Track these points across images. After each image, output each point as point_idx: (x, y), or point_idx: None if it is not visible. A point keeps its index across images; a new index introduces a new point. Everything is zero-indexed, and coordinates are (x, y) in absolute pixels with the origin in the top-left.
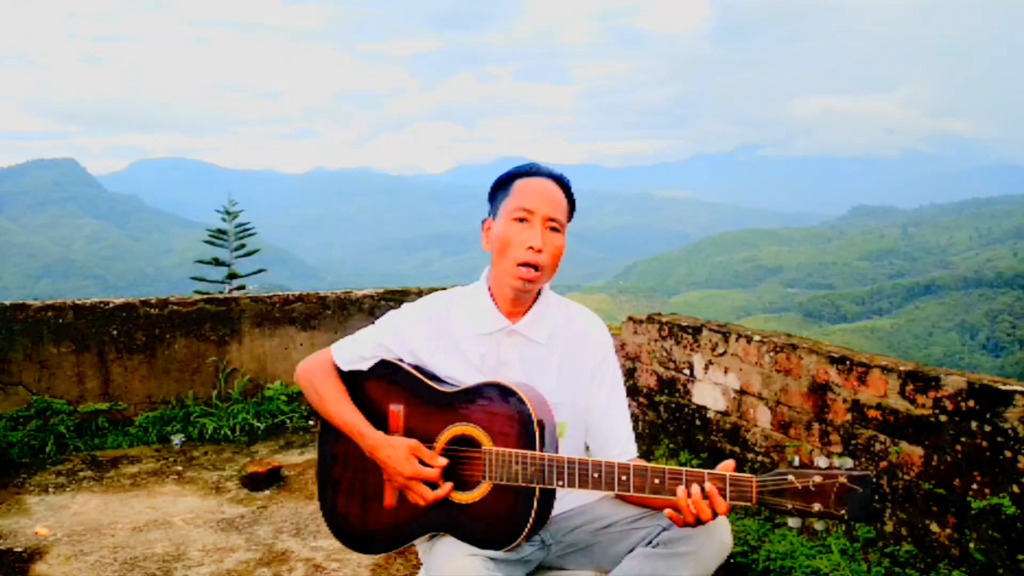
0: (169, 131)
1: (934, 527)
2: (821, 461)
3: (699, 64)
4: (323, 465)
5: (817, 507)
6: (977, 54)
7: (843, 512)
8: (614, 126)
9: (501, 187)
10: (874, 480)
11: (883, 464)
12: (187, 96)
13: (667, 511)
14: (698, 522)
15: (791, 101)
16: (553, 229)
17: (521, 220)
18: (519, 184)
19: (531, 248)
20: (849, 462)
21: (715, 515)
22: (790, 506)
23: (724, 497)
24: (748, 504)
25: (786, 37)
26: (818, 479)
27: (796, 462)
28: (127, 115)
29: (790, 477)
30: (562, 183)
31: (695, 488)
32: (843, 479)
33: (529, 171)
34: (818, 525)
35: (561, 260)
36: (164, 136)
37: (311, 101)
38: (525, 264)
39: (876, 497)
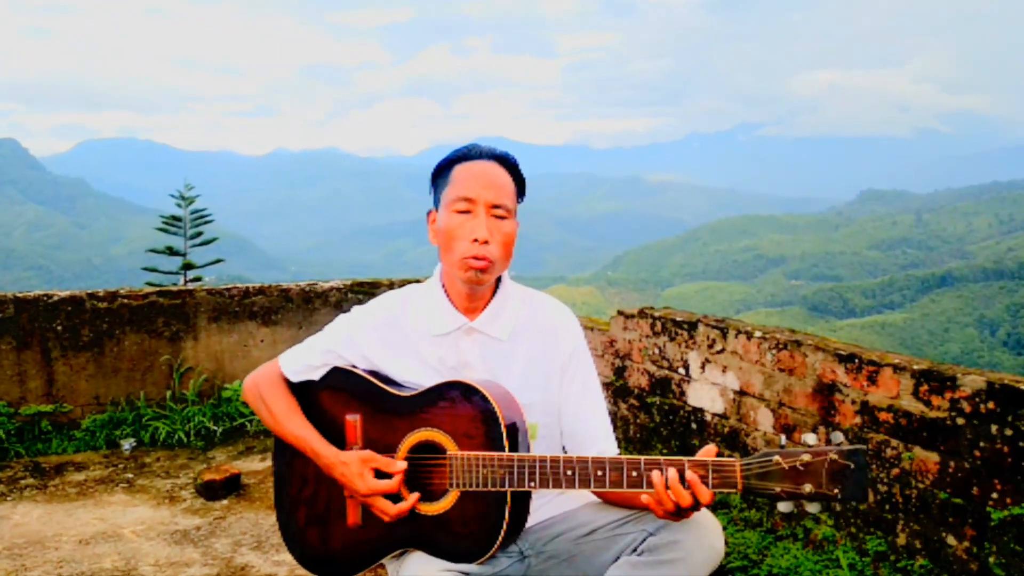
0: (118, 109)
1: (951, 540)
2: (810, 438)
3: (695, 35)
4: (279, 483)
5: (808, 488)
6: (997, 24)
7: (836, 491)
8: (602, 103)
9: (440, 175)
10: (867, 453)
11: (895, 471)
12: (138, 71)
13: (644, 496)
14: (679, 511)
15: (795, 76)
16: (499, 216)
17: (464, 211)
18: (457, 171)
19: (476, 240)
20: (840, 436)
21: (698, 505)
22: (778, 489)
23: (707, 485)
24: (734, 491)
25: (789, 6)
26: (807, 458)
27: (783, 441)
28: (73, 92)
29: (776, 458)
30: (506, 163)
31: (671, 471)
32: (834, 455)
33: (467, 154)
34: (811, 508)
35: (514, 246)
36: (113, 114)
37: (273, 77)
38: (472, 257)
39: (873, 478)
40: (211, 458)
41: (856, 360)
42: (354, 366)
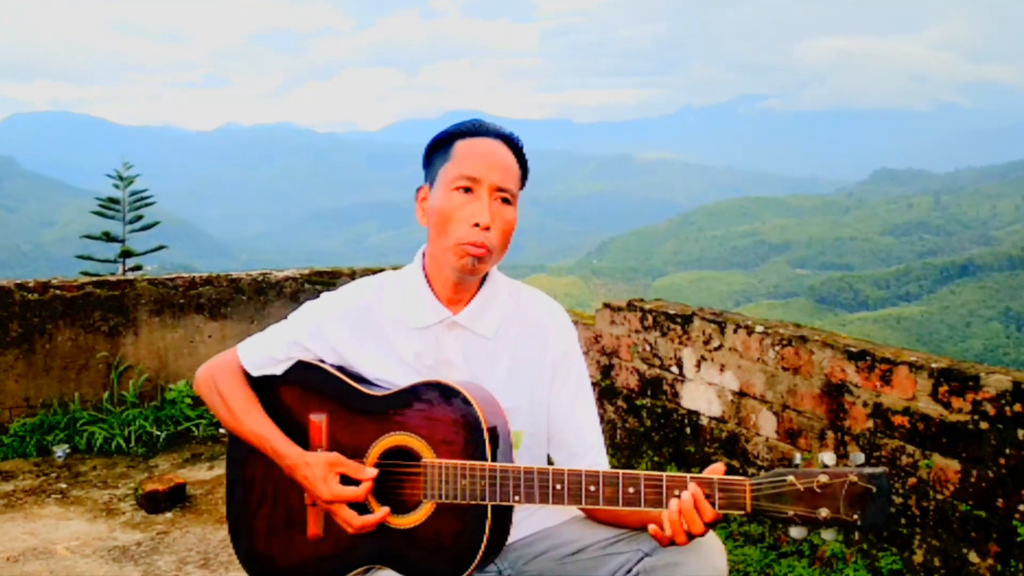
0: (51, 80)
1: (973, 556)
2: (827, 458)
3: None
4: (232, 487)
5: (824, 513)
6: None
7: (856, 517)
8: (587, 73)
9: (439, 149)
10: (891, 478)
11: (912, 481)
12: (72, 38)
13: (651, 528)
14: (688, 537)
15: (800, 43)
16: (504, 201)
17: (465, 190)
18: (461, 146)
19: (477, 225)
20: (861, 457)
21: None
22: (791, 513)
23: (713, 505)
24: (742, 512)
25: None
26: (824, 479)
27: (798, 460)
28: (0, 61)
29: (790, 478)
30: (513, 144)
31: (687, 496)
32: (854, 478)
33: (473, 129)
34: (826, 535)
35: (512, 237)
36: (45, 86)
37: (221, 44)
38: (470, 244)
39: (894, 499)
40: (153, 466)
41: (868, 358)
42: (321, 360)
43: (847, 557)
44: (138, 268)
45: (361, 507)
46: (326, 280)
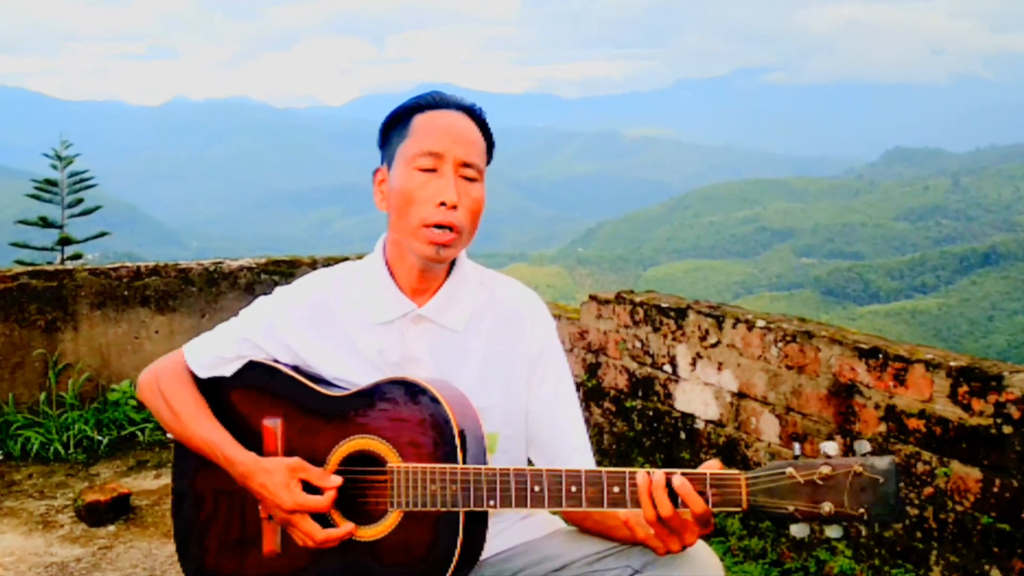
0: None
1: (995, 573)
2: (830, 447)
3: None
4: (180, 501)
5: (828, 507)
6: None
7: (862, 511)
8: (572, 43)
9: (395, 126)
10: (899, 465)
11: (928, 490)
12: (5, 4)
13: (621, 512)
14: (666, 527)
15: (806, 9)
16: (469, 178)
17: (428, 169)
18: (420, 120)
19: (443, 204)
20: (867, 446)
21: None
22: (792, 508)
23: (706, 502)
24: (737, 509)
25: None
26: (826, 470)
27: (797, 451)
28: None
29: (789, 470)
30: (476, 116)
31: (658, 475)
32: (859, 468)
33: (432, 102)
34: (831, 531)
35: (481, 217)
36: None
37: (169, 10)
38: (436, 226)
39: (908, 510)
40: (95, 475)
41: (880, 355)
42: (275, 360)
43: (857, 574)
44: (78, 256)
45: (321, 520)
46: (285, 270)
